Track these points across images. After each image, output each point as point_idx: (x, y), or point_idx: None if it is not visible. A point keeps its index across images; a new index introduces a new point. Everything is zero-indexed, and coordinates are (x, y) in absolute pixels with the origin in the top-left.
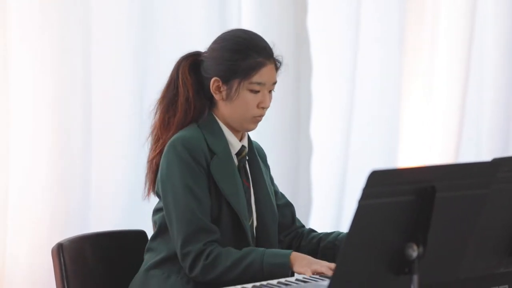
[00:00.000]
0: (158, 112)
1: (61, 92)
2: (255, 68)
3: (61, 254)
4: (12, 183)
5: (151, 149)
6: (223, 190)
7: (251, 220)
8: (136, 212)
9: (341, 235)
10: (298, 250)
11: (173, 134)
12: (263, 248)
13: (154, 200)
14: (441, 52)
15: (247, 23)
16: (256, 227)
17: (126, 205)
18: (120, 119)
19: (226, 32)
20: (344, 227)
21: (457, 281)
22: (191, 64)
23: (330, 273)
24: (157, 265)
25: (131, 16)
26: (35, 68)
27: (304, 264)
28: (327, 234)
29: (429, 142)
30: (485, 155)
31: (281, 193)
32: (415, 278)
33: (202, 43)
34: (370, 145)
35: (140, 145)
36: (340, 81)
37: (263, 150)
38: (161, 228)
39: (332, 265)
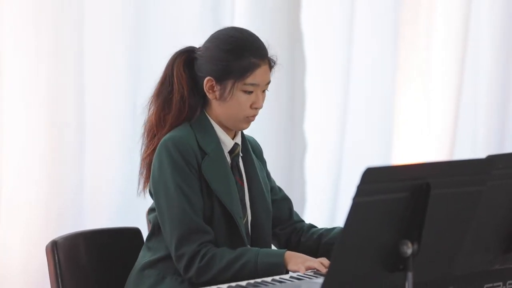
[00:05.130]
0: (153, 109)
1: (55, 91)
2: (249, 69)
3: (55, 252)
4: (5, 180)
5: (145, 146)
6: (215, 190)
7: (245, 218)
8: (130, 209)
9: None
10: (298, 245)
11: (166, 132)
12: (257, 248)
13: (148, 197)
14: (437, 49)
15: (241, 21)
16: (250, 223)
17: (120, 202)
18: (114, 117)
19: (220, 31)
20: (338, 224)
21: (452, 278)
22: (186, 61)
23: (322, 268)
24: (152, 264)
25: (124, 14)
26: (28, 67)
27: (299, 262)
28: (329, 230)
29: (424, 139)
30: (480, 152)
31: (278, 187)
32: (410, 275)
33: (195, 41)
34: (365, 142)
35: (133, 142)
36: (334, 78)
37: (258, 145)
38: (156, 228)
39: (325, 260)
